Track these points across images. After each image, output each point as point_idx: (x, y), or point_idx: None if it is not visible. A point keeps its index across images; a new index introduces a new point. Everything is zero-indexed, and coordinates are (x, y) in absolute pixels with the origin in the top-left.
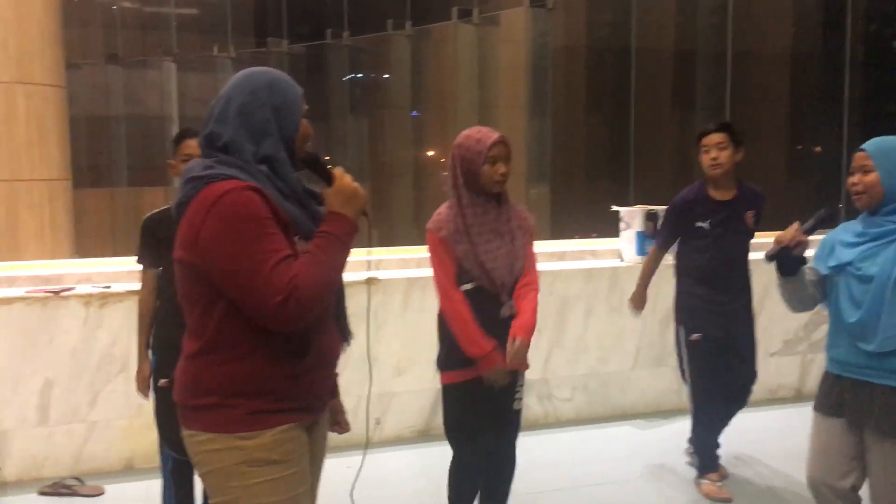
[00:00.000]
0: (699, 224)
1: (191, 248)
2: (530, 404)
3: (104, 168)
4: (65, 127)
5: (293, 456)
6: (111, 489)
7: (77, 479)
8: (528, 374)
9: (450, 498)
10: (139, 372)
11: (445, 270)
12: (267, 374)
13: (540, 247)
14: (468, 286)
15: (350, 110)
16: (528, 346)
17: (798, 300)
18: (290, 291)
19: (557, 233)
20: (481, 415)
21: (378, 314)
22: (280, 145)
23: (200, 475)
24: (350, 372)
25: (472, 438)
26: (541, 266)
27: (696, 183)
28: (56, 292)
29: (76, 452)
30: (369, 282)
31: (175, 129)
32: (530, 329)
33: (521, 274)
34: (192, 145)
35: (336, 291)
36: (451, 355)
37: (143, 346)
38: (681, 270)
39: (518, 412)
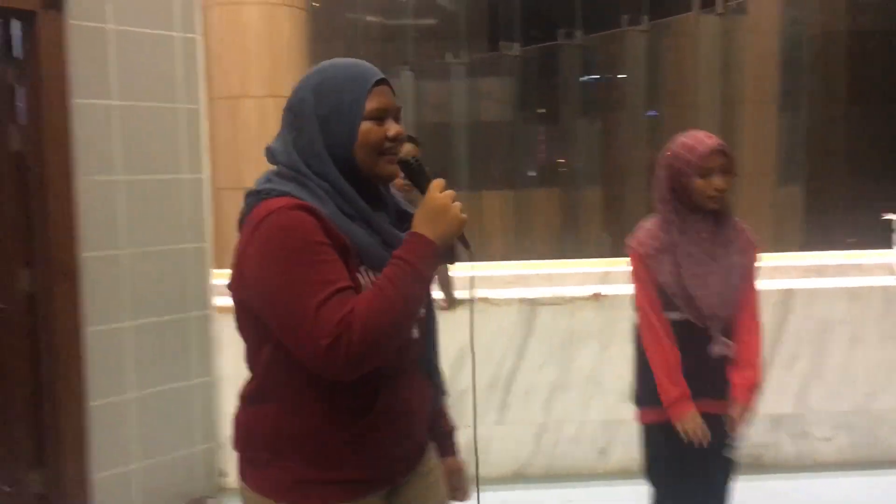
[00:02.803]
0: None
1: (236, 276)
2: (781, 443)
3: None
4: None
5: None
6: None
7: None
8: (779, 408)
9: None
10: None
11: (647, 295)
12: (321, 435)
13: (792, 260)
14: (675, 315)
15: (582, 112)
16: (752, 410)
17: None
18: (341, 332)
19: (812, 242)
20: (686, 460)
21: (604, 333)
22: (328, 161)
23: None
24: (574, 395)
25: (674, 484)
26: (794, 283)
27: None
28: None
29: None
30: (595, 297)
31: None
32: (756, 388)
33: (739, 307)
34: (402, 152)
35: (409, 330)
36: (653, 388)
37: None
38: None
39: (733, 461)
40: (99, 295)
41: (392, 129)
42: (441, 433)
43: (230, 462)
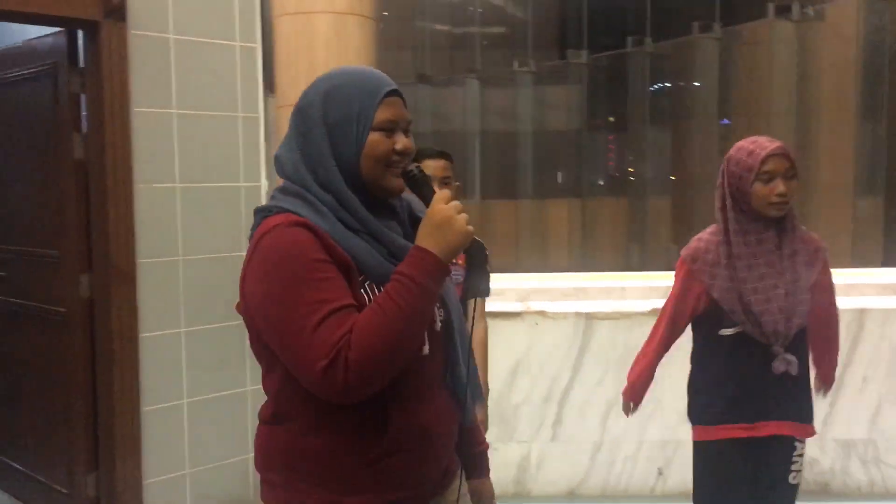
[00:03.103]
0: None
1: (241, 296)
2: (851, 469)
3: None
4: None
5: None
6: None
7: None
8: (850, 433)
9: None
10: None
11: (677, 304)
12: (334, 457)
13: (868, 276)
14: (729, 331)
15: (651, 120)
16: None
17: None
18: (339, 353)
19: (893, 258)
20: (741, 486)
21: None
22: (335, 170)
23: None
24: (630, 416)
25: None
26: (869, 301)
27: None
28: None
29: None
30: (655, 312)
31: (477, 144)
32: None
33: (816, 321)
34: (431, 166)
35: (413, 348)
36: (707, 406)
37: None
38: None
39: (794, 487)
40: (155, 301)
41: (400, 142)
42: (471, 453)
43: None
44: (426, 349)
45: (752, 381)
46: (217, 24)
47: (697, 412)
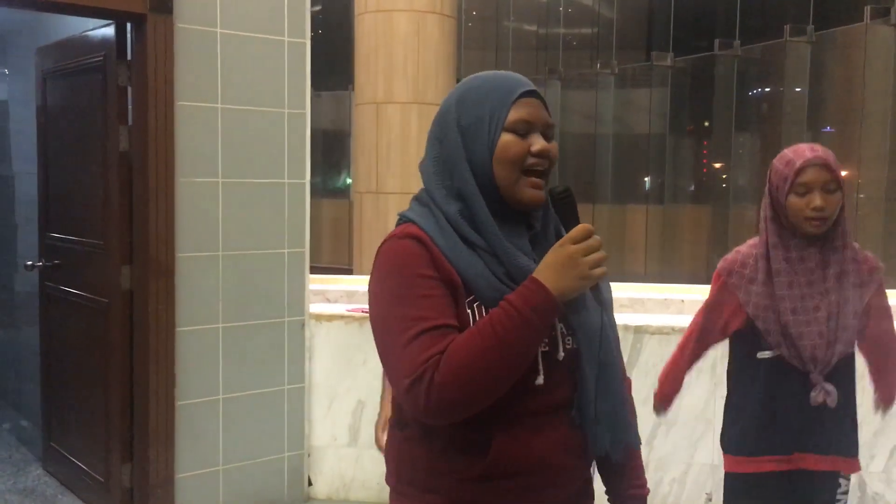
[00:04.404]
0: None
1: None
2: None
3: None
4: None
5: None
6: None
7: None
8: None
9: None
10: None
11: (708, 317)
12: (435, 468)
13: None
14: (766, 354)
15: (738, 126)
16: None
17: None
18: (423, 373)
19: None
20: None
21: (717, 368)
22: (469, 176)
23: None
24: (680, 433)
25: None
26: None
27: None
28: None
29: (381, 478)
30: None
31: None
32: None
33: (851, 349)
34: None
35: (510, 379)
36: (739, 434)
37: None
38: None
39: None
40: (193, 295)
41: (537, 143)
42: (622, 494)
43: (317, 470)
44: (540, 380)
45: (788, 410)
46: (265, 19)
47: (729, 440)
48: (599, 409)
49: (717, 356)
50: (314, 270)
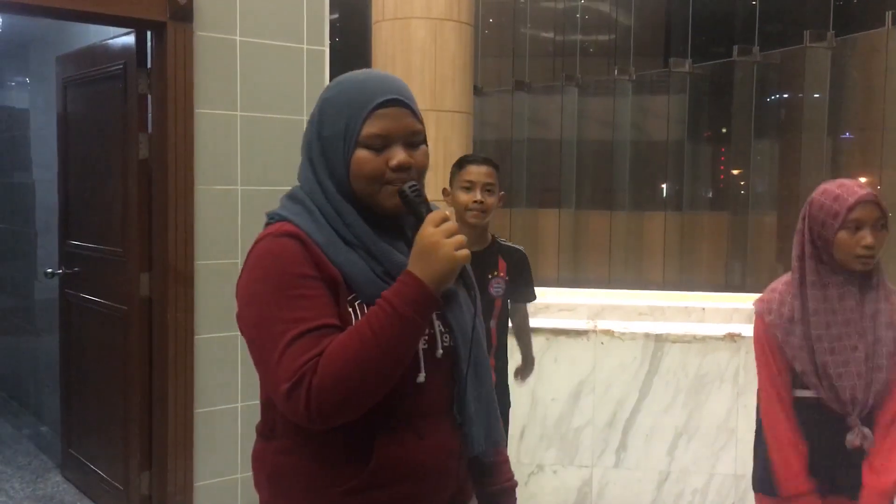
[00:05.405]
0: None
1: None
2: None
3: (505, 189)
4: (468, 150)
5: None
6: None
7: None
8: None
9: None
10: None
11: (769, 368)
12: (314, 481)
13: None
14: (805, 393)
15: (757, 133)
16: None
17: None
18: (302, 377)
19: None
20: None
21: (740, 377)
22: (330, 186)
23: None
24: (702, 443)
25: None
26: None
27: None
28: None
29: None
30: (730, 337)
31: (574, 152)
32: (890, 497)
33: (887, 391)
34: (474, 172)
35: (391, 378)
36: (772, 474)
37: None
38: None
39: None
40: (212, 303)
41: (396, 157)
42: (490, 491)
43: None
44: (421, 377)
45: (825, 453)
46: (284, 27)
47: (760, 479)
48: (476, 409)
49: (741, 365)
50: None
